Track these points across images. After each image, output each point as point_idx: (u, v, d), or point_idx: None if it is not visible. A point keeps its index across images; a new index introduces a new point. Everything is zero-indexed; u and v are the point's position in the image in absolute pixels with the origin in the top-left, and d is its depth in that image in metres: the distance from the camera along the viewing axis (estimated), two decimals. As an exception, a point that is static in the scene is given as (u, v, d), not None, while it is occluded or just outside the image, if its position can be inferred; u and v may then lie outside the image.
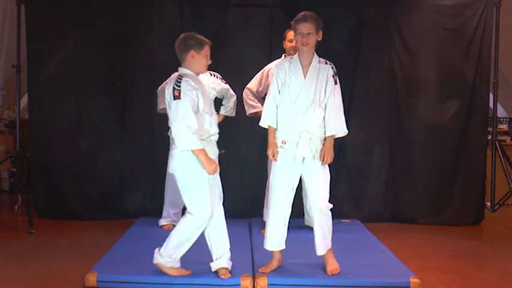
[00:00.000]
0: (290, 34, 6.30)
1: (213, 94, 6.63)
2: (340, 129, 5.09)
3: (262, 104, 5.62)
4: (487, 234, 7.41)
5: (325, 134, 5.04)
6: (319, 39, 5.06)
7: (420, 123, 7.59)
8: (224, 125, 7.41)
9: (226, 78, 7.09)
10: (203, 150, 4.72)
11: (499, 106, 8.10)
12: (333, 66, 5.08)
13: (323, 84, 5.03)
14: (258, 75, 6.67)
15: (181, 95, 4.71)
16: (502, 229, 7.56)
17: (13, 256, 5.94)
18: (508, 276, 5.54)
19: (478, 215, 7.65)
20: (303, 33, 5.00)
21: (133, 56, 7.50)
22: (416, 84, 7.59)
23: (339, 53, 7.26)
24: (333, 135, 5.05)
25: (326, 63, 5.10)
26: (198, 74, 4.94)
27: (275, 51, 7.43)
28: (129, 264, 5.19)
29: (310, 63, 5.06)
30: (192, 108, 4.70)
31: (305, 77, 5.02)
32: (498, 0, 7.45)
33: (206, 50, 4.92)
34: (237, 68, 7.39)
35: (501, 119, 9.04)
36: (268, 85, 6.08)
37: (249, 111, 6.67)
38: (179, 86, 4.73)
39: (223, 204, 5.10)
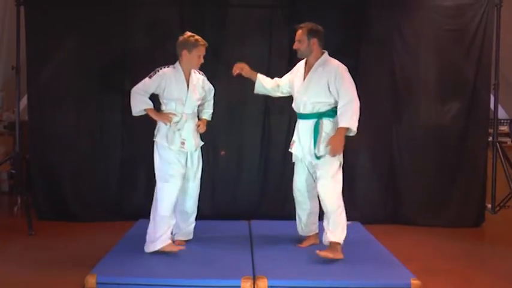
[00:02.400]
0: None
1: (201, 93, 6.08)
2: None
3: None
4: (487, 236, 7.39)
5: None
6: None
7: (420, 124, 7.57)
8: (227, 127, 7.47)
9: (225, 79, 7.06)
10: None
11: (499, 107, 8.03)
12: None
13: None
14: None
15: None
16: (502, 231, 7.54)
17: (12, 258, 5.94)
18: (508, 278, 5.53)
19: (478, 217, 7.64)
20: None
21: (133, 57, 7.47)
22: (416, 86, 7.58)
23: (339, 54, 7.24)
24: None
25: None
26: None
27: (275, 52, 7.44)
28: (128, 266, 5.19)
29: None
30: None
31: None
32: (499, 1, 7.43)
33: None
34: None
35: (502, 121, 9.03)
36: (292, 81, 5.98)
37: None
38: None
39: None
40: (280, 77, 6.11)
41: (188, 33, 5.78)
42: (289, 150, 5.94)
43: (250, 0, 7.70)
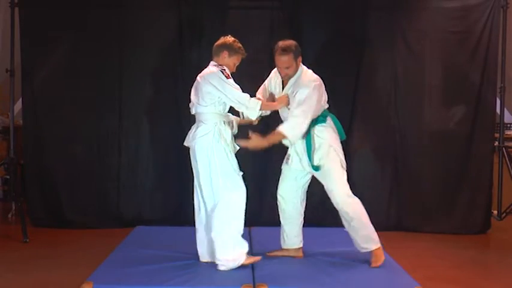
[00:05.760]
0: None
1: None
2: None
3: None
4: (493, 243, 7.32)
5: None
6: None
7: (425, 129, 7.53)
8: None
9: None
10: None
11: (506, 111, 8.02)
12: None
13: None
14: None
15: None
16: (509, 238, 7.48)
17: (6, 266, 5.89)
18: (515, 286, 5.50)
19: (484, 224, 7.55)
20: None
21: (130, 60, 7.42)
22: (421, 89, 7.52)
23: (341, 57, 7.15)
24: None
25: None
26: None
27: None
28: (125, 273, 5.12)
29: None
30: None
31: None
32: (505, 3, 7.40)
33: None
34: (236, 71, 7.29)
35: (508, 125, 8.92)
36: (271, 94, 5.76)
37: None
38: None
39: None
40: None
41: (232, 38, 5.51)
42: (287, 165, 5.63)
43: (250, 2, 7.63)
